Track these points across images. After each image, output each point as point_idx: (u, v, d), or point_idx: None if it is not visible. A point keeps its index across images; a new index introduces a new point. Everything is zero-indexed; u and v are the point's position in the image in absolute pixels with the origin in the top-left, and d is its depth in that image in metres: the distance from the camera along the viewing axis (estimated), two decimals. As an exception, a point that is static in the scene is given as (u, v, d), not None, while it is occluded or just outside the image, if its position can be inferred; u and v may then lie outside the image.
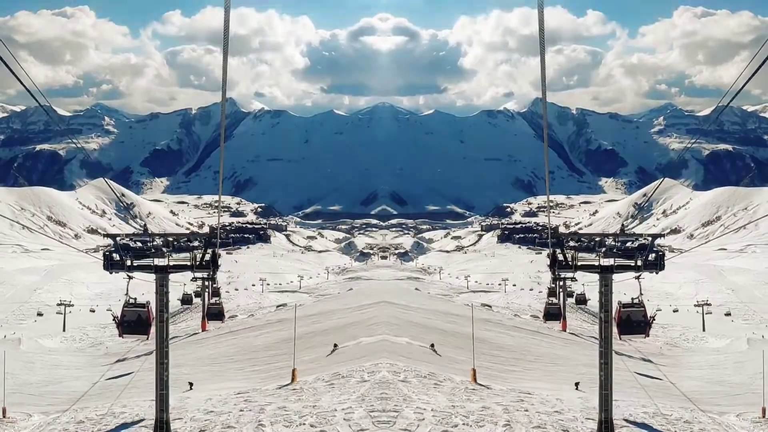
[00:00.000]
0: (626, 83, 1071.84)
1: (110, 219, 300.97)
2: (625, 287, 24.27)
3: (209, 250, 19.27)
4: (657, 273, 18.45)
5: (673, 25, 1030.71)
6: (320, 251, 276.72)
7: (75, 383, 34.33)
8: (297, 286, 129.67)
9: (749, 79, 14.54)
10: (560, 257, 17.47)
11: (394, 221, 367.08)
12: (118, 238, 19.98)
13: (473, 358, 26.69)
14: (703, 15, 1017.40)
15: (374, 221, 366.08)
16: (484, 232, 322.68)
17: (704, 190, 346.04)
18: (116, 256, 19.27)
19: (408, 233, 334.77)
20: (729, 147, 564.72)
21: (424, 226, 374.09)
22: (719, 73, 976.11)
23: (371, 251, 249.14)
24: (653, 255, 17.77)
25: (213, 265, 19.30)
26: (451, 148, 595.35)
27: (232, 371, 34.12)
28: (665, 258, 17.76)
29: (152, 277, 19.21)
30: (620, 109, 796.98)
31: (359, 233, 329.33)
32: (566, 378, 30.96)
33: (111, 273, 19.69)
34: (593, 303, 66.90)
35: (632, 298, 22.78)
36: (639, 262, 17.90)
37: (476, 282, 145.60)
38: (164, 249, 19.75)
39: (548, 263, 18.13)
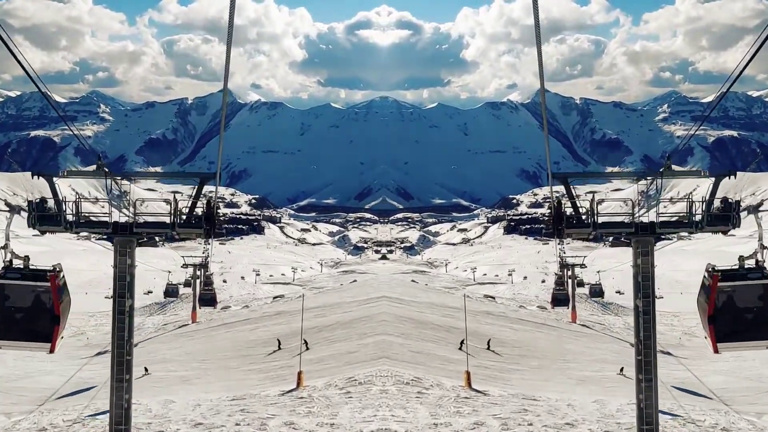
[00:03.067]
0: (630, 71, 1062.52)
1: (103, 206, 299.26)
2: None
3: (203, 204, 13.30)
4: (727, 234, 12.72)
5: (677, 11, 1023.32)
6: (314, 244, 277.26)
7: (47, 378, 31.36)
8: (290, 279, 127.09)
9: (748, 63, 12.19)
10: (568, 211, 12.37)
11: (399, 215, 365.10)
12: (55, 179, 13.86)
13: (467, 358, 22.72)
14: (707, 0, 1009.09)
15: (368, 215, 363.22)
16: (490, 224, 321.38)
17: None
18: (52, 205, 12.89)
19: (414, 227, 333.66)
20: (734, 133, 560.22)
21: (430, 220, 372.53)
22: (723, 59, 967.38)
23: (365, 245, 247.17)
24: (719, 205, 11.71)
25: (210, 222, 13.12)
26: (455, 141, 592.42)
27: (225, 370, 30.53)
28: (739, 211, 11.71)
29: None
30: (624, 98, 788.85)
31: (353, 227, 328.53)
32: (578, 377, 27.24)
33: (42, 233, 14.06)
34: (610, 294, 62.75)
35: (741, 258, 12.47)
36: (697, 216, 11.97)
37: (483, 274, 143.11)
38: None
39: (552, 220, 12.79)
